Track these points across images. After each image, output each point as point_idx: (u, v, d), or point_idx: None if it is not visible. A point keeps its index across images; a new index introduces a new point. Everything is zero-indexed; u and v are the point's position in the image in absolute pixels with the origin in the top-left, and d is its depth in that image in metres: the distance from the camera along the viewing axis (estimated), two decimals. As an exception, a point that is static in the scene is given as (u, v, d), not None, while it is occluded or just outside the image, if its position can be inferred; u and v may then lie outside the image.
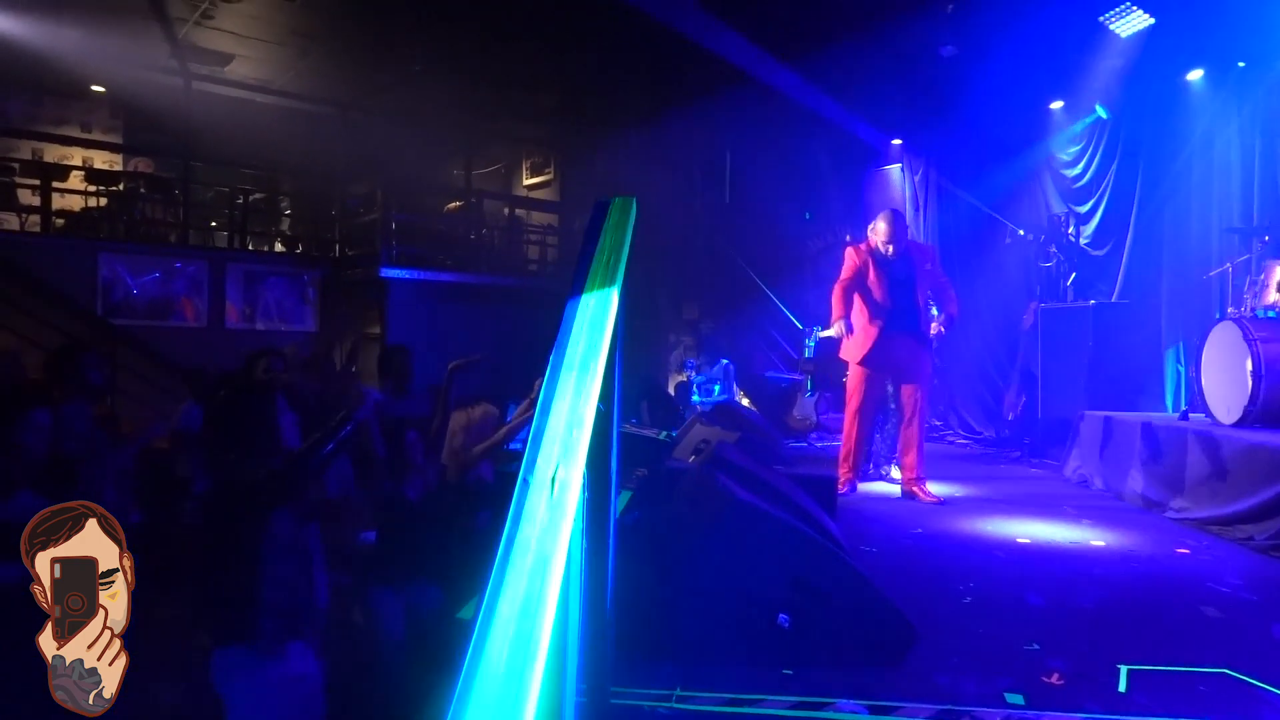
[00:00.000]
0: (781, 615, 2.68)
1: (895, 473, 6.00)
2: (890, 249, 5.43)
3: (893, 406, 6.19)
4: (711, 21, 8.81)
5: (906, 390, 5.60)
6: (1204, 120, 7.09)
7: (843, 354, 5.73)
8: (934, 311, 5.76)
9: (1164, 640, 2.89)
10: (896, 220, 5.56)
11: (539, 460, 1.44)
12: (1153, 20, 7.02)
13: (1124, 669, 2.60)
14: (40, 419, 3.03)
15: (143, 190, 11.14)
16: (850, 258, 5.59)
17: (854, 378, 5.66)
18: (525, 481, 1.42)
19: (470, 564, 3.10)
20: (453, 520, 3.21)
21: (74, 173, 10.75)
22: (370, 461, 3.26)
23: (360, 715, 2.81)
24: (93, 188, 10.84)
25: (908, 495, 5.48)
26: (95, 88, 11.62)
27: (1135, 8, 7.02)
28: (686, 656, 2.65)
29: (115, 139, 12.36)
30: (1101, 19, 7.16)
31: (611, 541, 2.12)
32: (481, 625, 1.19)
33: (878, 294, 5.46)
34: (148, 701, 2.32)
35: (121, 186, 11.06)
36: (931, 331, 5.56)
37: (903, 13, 8.02)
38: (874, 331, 5.46)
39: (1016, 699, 2.41)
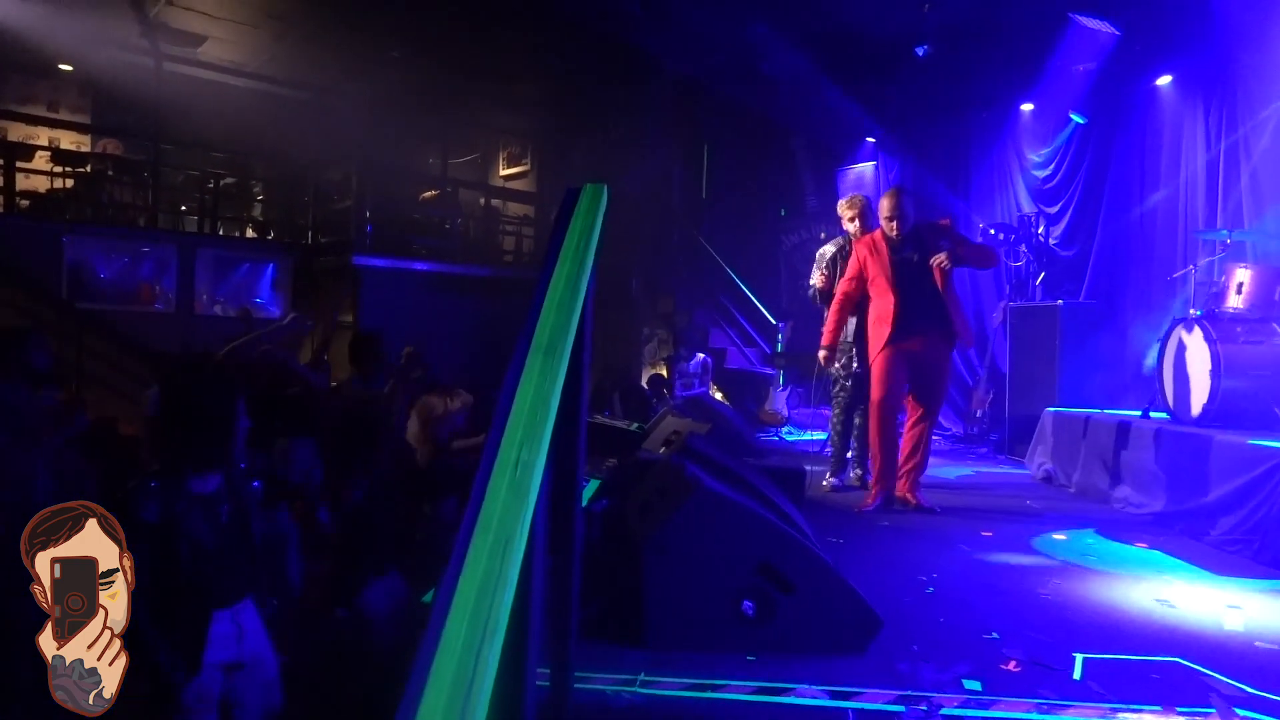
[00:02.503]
0: (746, 603, 2.71)
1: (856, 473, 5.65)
2: (895, 227, 4.83)
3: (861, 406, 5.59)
4: (692, 18, 8.83)
5: (919, 388, 4.95)
6: (1172, 125, 7.21)
7: (871, 358, 5.03)
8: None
9: (1119, 630, 2.95)
10: (901, 196, 4.92)
11: (502, 441, 1.45)
12: (1117, 34, 7.14)
13: (1079, 657, 2.66)
14: None
15: (110, 172, 10.95)
16: (854, 256, 5.06)
17: (873, 379, 4.98)
18: (487, 463, 1.43)
19: (436, 550, 3.10)
20: (418, 506, 3.20)
21: (39, 153, 10.54)
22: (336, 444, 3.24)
23: (329, 702, 2.80)
24: (59, 168, 10.63)
25: (900, 502, 4.91)
26: (63, 66, 11.40)
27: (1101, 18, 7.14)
28: (652, 644, 2.67)
29: (83, 119, 12.13)
30: (1076, 16, 7.25)
31: (577, 525, 2.13)
32: (441, 602, 1.19)
33: (883, 288, 4.85)
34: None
35: (89, 168, 10.86)
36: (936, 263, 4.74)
37: (879, 11, 8.09)
38: (884, 332, 4.83)
39: (974, 685, 2.46)
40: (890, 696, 2.37)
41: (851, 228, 5.64)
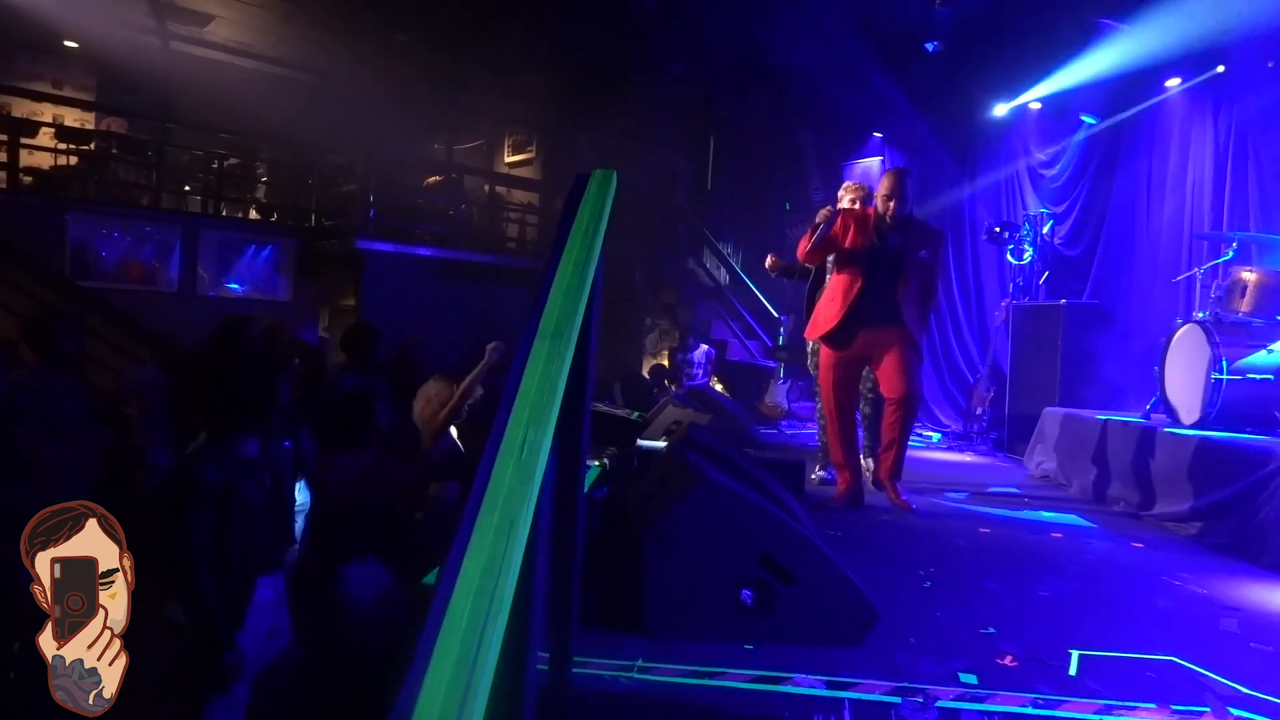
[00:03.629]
0: (745, 592, 2.72)
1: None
2: (891, 207, 4.57)
3: (869, 395, 5.49)
4: (700, 11, 8.80)
5: (884, 370, 4.72)
6: (1180, 127, 7.20)
7: (806, 332, 5.02)
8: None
9: (1115, 628, 2.96)
10: (902, 178, 4.65)
11: (509, 422, 1.45)
12: (1134, 25, 7.10)
13: (1075, 654, 2.66)
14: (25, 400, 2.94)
15: (115, 150, 10.92)
16: (839, 220, 4.72)
17: (820, 365, 4.90)
18: (494, 444, 1.43)
19: (437, 534, 3.11)
20: (423, 489, 3.21)
21: (44, 129, 10.51)
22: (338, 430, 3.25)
23: (323, 688, 2.80)
24: (63, 145, 10.60)
25: (876, 485, 4.98)
26: (69, 43, 11.35)
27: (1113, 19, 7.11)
28: (651, 631, 2.68)
29: (88, 97, 12.09)
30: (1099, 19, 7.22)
31: (580, 510, 2.13)
32: (446, 581, 1.20)
33: (853, 267, 4.62)
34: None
35: (93, 146, 10.83)
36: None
37: (889, 6, 8.06)
38: (833, 312, 4.65)
39: (970, 679, 2.47)
40: (887, 688, 2.38)
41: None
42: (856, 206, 5.21)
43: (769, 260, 5.27)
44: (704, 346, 10.20)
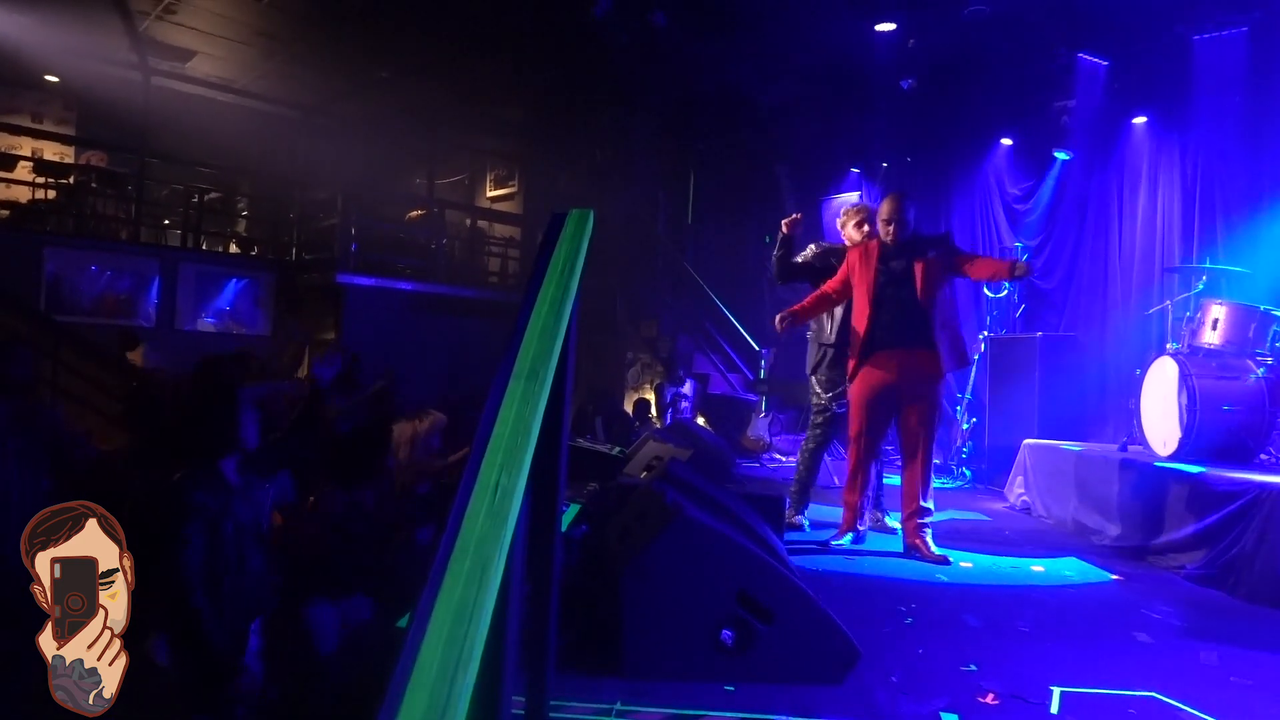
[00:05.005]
0: (725, 632, 2.69)
1: (891, 521, 5.08)
2: (892, 232, 4.46)
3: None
4: (679, 47, 8.93)
5: (906, 419, 4.52)
6: (1150, 162, 7.36)
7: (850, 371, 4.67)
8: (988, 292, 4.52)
9: (1096, 664, 2.95)
10: (902, 201, 4.52)
11: (481, 466, 1.44)
12: (1105, 63, 7.29)
13: (1057, 690, 2.65)
14: None
15: (94, 184, 10.88)
16: (845, 262, 4.63)
17: (851, 396, 4.65)
18: (466, 488, 1.42)
19: (411, 577, 3.07)
20: (395, 532, 3.17)
21: (22, 163, 10.46)
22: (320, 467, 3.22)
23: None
24: (41, 179, 10.55)
25: (910, 550, 4.49)
26: (49, 77, 11.35)
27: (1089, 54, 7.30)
28: (629, 672, 2.65)
29: (68, 131, 12.07)
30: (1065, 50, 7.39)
31: (557, 552, 2.11)
32: (415, 629, 1.18)
33: (861, 298, 4.51)
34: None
35: (72, 179, 10.79)
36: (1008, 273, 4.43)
37: (865, 45, 8.23)
38: (857, 345, 4.51)
39: (952, 718, 2.45)
40: (868, 729, 2.36)
41: (858, 235, 5.00)
42: (865, 229, 5.05)
43: (778, 321, 5.01)
44: (690, 380, 10.23)
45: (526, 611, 1.98)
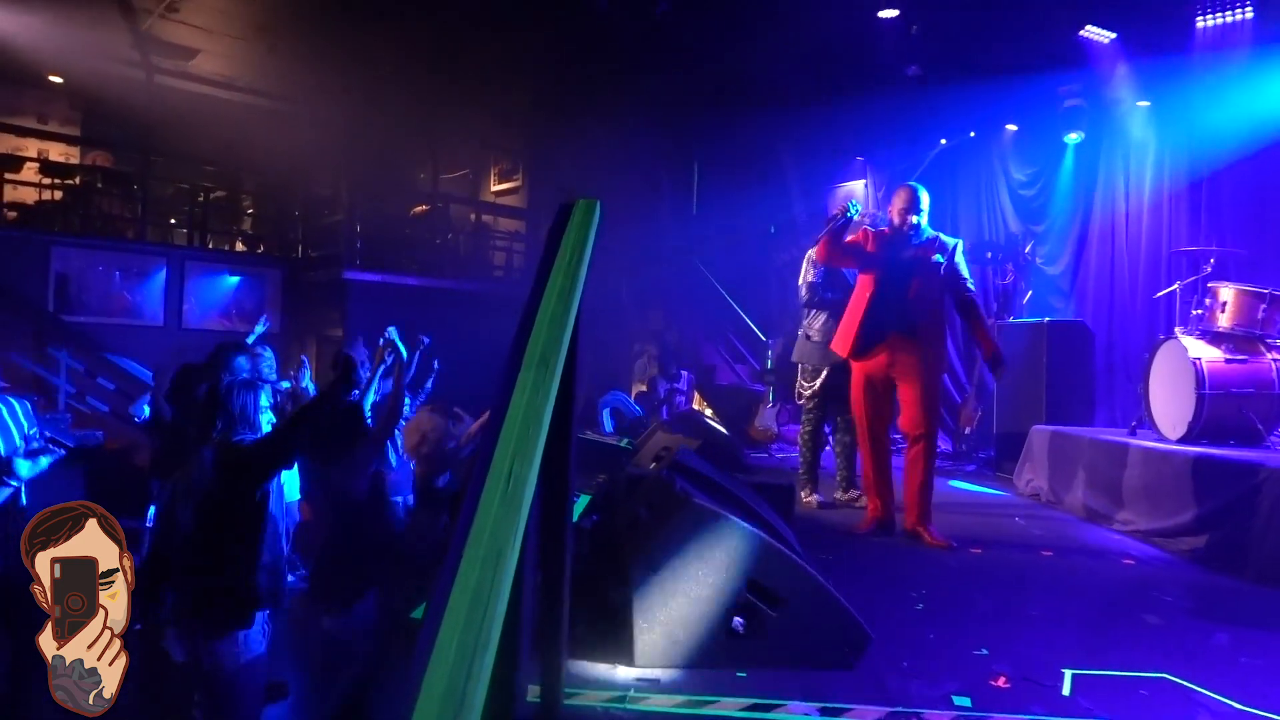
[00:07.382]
0: (736, 619, 2.70)
1: (839, 494, 5.58)
2: (904, 219, 4.56)
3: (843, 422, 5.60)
4: (682, 38, 8.90)
5: (901, 398, 4.62)
6: (1156, 146, 7.32)
7: (833, 344, 4.90)
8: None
9: (1107, 646, 2.96)
10: (918, 193, 4.64)
11: (495, 454, 1.45)
12: (1114, 34, 7.24)
13: (1068, 673, 2.66)
14: None
15: (100, 184, 10.91)
16: (861, 232, 4.73)
17: (851, 387, 4.79)
18: (480, 476, 1.43)
19: (428, 568, 3.09)
20: (414, 523, 3.19)
21: (28, 164, 10.49)
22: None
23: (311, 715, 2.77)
24: (47, 180, 10.58)
25: (910, 536, 4.54)
26: (53, 78, 11.36)
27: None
28: (640, 660, 2.66)
29: (73, 131, 12.09)
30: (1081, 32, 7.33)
31: (568, 539, 2.13)
32: (433, 614, 1.19)
33: (865, 280, 4.62)
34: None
35: (78, 179, 10.82)
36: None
37: (870, 33, 8.19)
38: (852, 327, 4.63)
39: (964, 701, 2.46)
40: (880, 713, 2.37)
41: (896, 219, 4.72)
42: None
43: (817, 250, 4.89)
44: (685, 372, 10.24)
45: (540, 600, 2.00)
